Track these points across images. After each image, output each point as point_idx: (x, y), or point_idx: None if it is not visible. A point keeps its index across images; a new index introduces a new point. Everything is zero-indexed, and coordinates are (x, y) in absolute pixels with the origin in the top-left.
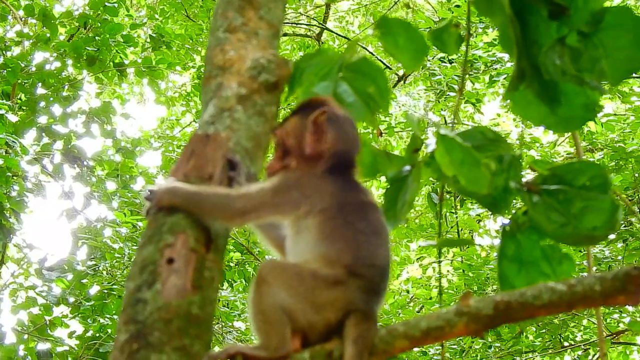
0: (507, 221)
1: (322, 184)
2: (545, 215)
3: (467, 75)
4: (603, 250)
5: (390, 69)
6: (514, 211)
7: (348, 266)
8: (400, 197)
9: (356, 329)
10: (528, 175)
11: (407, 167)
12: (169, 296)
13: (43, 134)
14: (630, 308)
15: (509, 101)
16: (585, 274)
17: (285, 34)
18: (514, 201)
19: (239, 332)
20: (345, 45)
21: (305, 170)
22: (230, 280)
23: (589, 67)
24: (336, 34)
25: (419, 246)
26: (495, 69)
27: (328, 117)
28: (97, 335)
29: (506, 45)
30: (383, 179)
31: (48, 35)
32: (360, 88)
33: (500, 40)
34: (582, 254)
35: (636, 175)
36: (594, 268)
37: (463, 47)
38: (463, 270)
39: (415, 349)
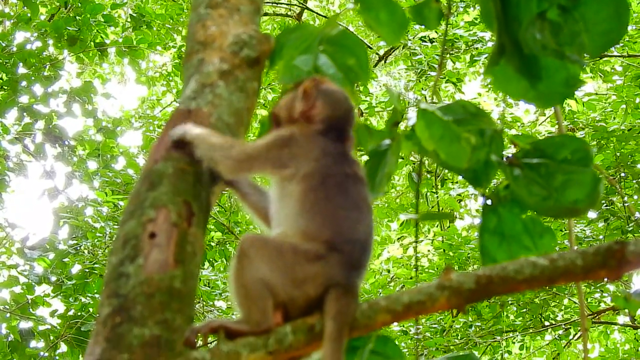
0: (489, 201)
1: (310, 144)
2: (527, 189)
3: (447, 54)
4: (584, 230)
5: (371, 48)
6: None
7: (328, 241)
8: (379, 171)
9: (336, 304)
10: (510, 151)
11: (387, 141)
12: (151, 270)
13: (24, 113)
14: (611, 287)
15: (489, 78)
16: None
17: (265, 14)
18: (496, 175)
19: (220, 311)
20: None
21: (296, 129)
22: (211, 259)
23: (569, 41)
24: (317, 13)
25: (400, 221)
26: (476, 48)
27: (317, 86)
28: (79, 314)
29: (487, 20)
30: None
31: (29, 15)
32: (340, 60)
33: (481, 15)
34: (563, 233)
35: (617, 154)
36: (575, 247)
37: (443, 26)
38: (444, 250)
39: (396, 328)
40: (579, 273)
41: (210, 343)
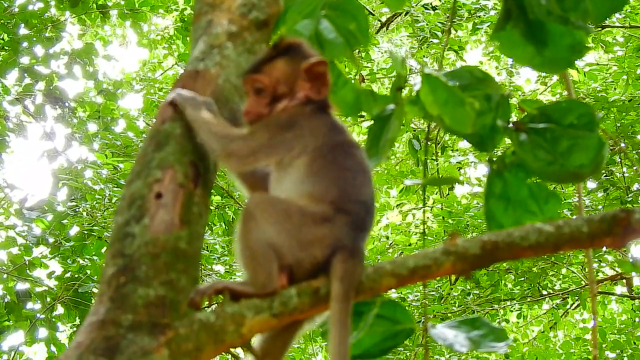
0: (495, 166)
1: (313, 124)
2: (532, 154)
3: (453, 22)
4: (584, 200)
5: (374, 14)
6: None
7: (334, 202)
8: (383, 135)
9: (343, 266)
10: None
11: (391, 106)
12: (156, 231)
13: (25, 74)
14: (609, 258)
15: (495, 43)
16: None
17: None
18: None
19: (218, 275)
20: None
21: (294, 111)
22: (210, 223)
23: (573, 7)
24: None
25: (400, 188)
26: (479, 16)
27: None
28: (76, 276)
29: None
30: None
31: None
32: (341, 25)
33: None
34: (563, 202)
35: (618, 124)
36: (574, 217)
37: None
38: (443, 217)
39: (394, 295)
40: (584, 240)
41: (215, 304)
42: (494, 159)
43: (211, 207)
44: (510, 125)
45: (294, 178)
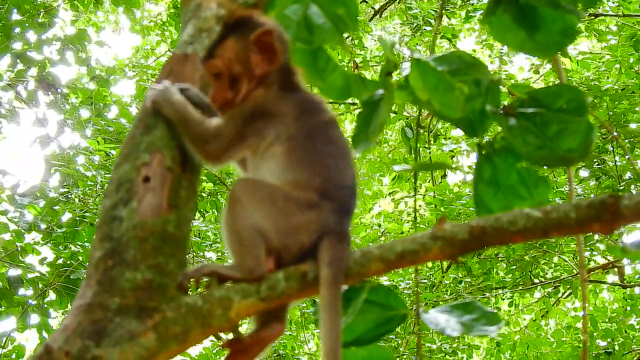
0: (484, 151)
1: (282, 106)
2: (522, 138)
3: (445, 10)
4: (576, 188)
5: (367, 2)
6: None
7: (319, 190)
8: (372, 120)
9: (331, 251)
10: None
11: (380, 91)
12: (144, 214)
13: (17, 60)
14: (601, 246)
15: (486, 28)
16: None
17: None
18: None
19: (210, 262)
20: None
21: (259, 94)
22: (202, 210)
23: None
24: None
25: (392, 176)
26: (472, 4)
27: (278, 36)
28: (68, 262)
29: None
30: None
31: None
32: (330, 10)
33: None
34: (554, 191)
35: (610, 113)
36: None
37: None
38: (435, 205)
39: (386, 283)
40: (572, 226)
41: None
42: (484, 144)
43: (203, 194)
44: (500, 110)
45: (273, 167)
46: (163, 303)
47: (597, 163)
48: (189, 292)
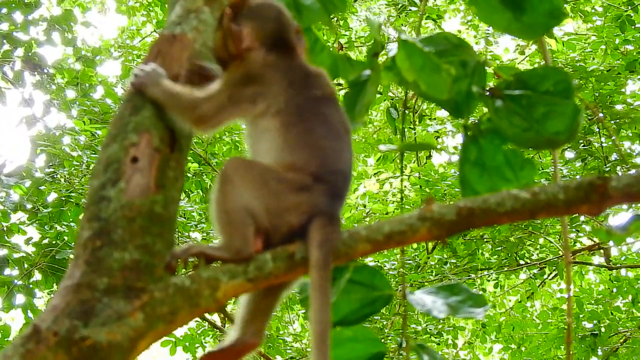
0: (470, 132)
1: (269, 74)
2: (508, 120)
3: None
4: (561, 170)
5: None
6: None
7: (314, 173)
8: (358, 101)
9: (321, 232)
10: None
11: (367, 72)
12: (132, 194)
13: (4, 40)
14: (587, 227)
15: (473, 9)
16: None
17: None
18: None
19: (196, 242)
20: None
21: (253, 62)
22: (187, 190)
23: None
24: None
25: (377, 157)
26: None
27: (234, 15)
28: (54, 242)
29: None
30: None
31: None
32: None
33: None
34: (540, 172)
35: (596, 94)
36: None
37: None
38: (420, 186)
39: (371, 263)
40: (560, 207)
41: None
42: (470, 126)
43: (188, 175)
44: (486, 91)
45: (269, 146)
46: (151, 283)
47: (582, 144)
48: (176, 273)
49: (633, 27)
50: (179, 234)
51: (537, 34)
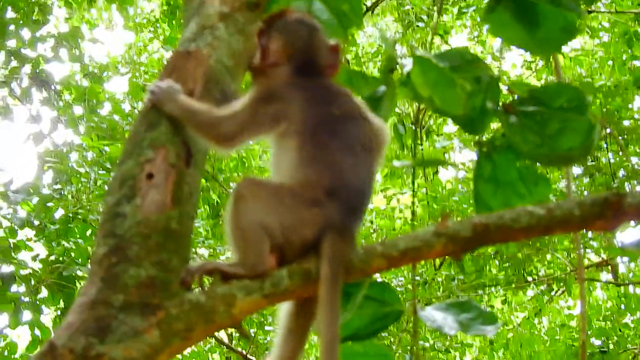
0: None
1: (290, 93)
2: (522, 136)
3: (437, 5)
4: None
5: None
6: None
7: (326, 188)
8: None
9: (332, 246)
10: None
11: (382, 87)
12: (148, 211)
13: (12, 57)
14: (595, 244)
15: (487, 25)
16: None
17: None
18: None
19: (202, 258)
20: None
21: (270, 81)
22: None
23: None
24: None
25: (384, 173)
26: (465, 0)
27: (265, 30)
28: (61, 259)
29: None
30: None
31: None
32: (334, 6)
33: None
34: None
35: (604, 110)
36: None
37: None
38: (428, 202)
39: (379, 280)
40: (575, 223)
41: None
42: (483, 142)
43: None
44: (500, 107)
45: (287, 164)
46: (166, 300)
47: (590, 160)
48: (191, 289)
49: None
50: None
51: (551, 49)
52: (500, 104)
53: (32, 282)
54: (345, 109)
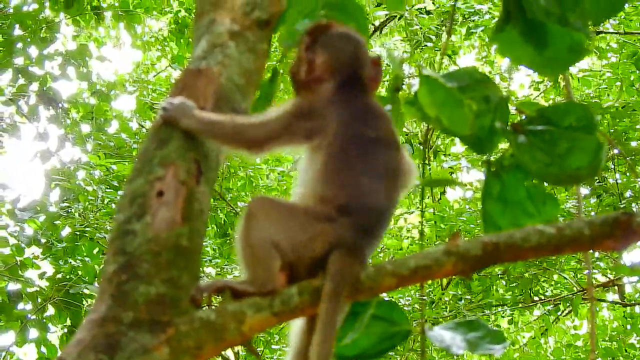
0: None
1: (328, 110)
2: (530, 155)
3: (446, 26)
4: (576, 205)
5: (367, 18)
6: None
7: (340, 206)
8: None
9: (337, 263)
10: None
11: (389, 107)
12: (158, 228)
13: (19, 75)
14: (601, 264)
15: (495, 45)
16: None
17: None
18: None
19: (209, 277)
20: None
21: (313, 96)
22: None
23: (572, 7)
24: None
25: None
26: (473, 20)
27: (310, 44)
28: (68, 277)
29: None
30: None
31: None
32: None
33: None
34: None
35: (611, 131)
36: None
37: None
38: (435, 222)
39: (386, 299)
40: (585, 242)
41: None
42: (492, 161)
43: None
44: (509, 127)
45: (311, 176)
46: (176, 317)
47: (597, 181)
48: (201, 306)
49: None
50: None
51: (559, 69)
52: (509, 123)
53: (39, 300)
54: (379, 133)
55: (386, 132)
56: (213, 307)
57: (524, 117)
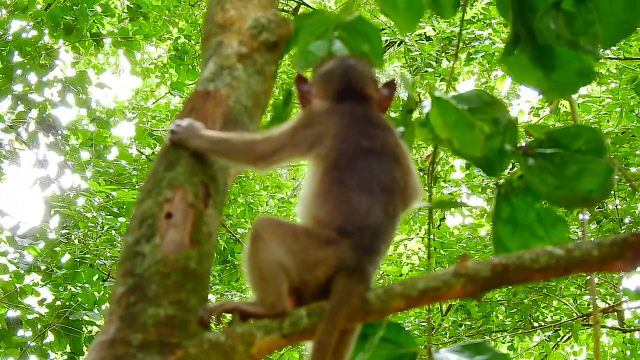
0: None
1: (329, 118)
2: (540, 178)
3: (448, 52)
4: (576, 232)
5: (381, 40)
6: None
7: (338, 228)
8: None
9: (339, 285)
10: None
11: (401, 128)
12: (167, 250)
13: (18, 102)
14: (601, 290)
15: (504, 68)
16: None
17: None
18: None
19: (210, 302)
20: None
21: (312, 106)
22: None
23: (583, 31)
24: (313, 9)
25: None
26: (473, 46)
27: (299, 79)
28: (68, 303)
29: (502, 9)
30: None
31: (26, 3)
32: (354, 46)
33: (497, 4)
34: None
35: (611, 156)
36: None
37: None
38: (435, 248)
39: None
40: (594, 263)
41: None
42: (502, 184)
43: None
44: (519, 149)
45: (309, 191)
46: (185, 339)
47: (597, 206)
48: (209, 328)
49: None
50: None
51: (567, 92)
52: (519, 146)
53: (39, 327)
54: (375, 144)
55: (384, 143)
56: (222, 327)
57: (529, 139)
